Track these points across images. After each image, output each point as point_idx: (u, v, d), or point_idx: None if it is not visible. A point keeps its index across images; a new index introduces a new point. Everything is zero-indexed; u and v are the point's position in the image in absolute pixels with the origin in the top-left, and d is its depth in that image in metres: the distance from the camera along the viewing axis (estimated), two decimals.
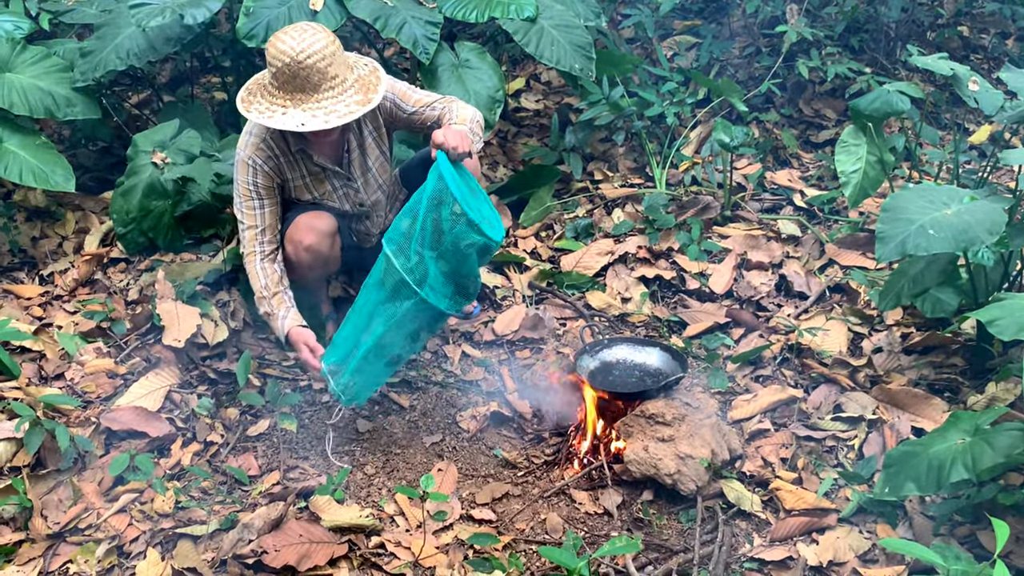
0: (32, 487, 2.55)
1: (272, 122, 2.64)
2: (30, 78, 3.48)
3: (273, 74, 2.64)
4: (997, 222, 2.43)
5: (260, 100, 2.69)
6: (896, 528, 2.46)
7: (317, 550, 2.39)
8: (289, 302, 2.84)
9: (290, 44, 2.60)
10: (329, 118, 2.63)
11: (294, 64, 2.59)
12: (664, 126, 4.22)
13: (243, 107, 2.70)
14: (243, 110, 2.69)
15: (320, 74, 2.62)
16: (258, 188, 2.84)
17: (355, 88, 2.69)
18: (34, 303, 3.34)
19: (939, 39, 4.93)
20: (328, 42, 2.64)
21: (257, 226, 2.86)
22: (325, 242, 2.91)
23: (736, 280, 3.53)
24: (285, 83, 2.63)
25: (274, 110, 2.65)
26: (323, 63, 2.62)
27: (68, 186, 3.38)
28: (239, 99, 2.73)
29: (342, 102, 2.66)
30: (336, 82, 2.65)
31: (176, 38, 3.50)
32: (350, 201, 3.00)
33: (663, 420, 2.67)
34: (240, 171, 2.84)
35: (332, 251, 2.96)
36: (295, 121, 2.62)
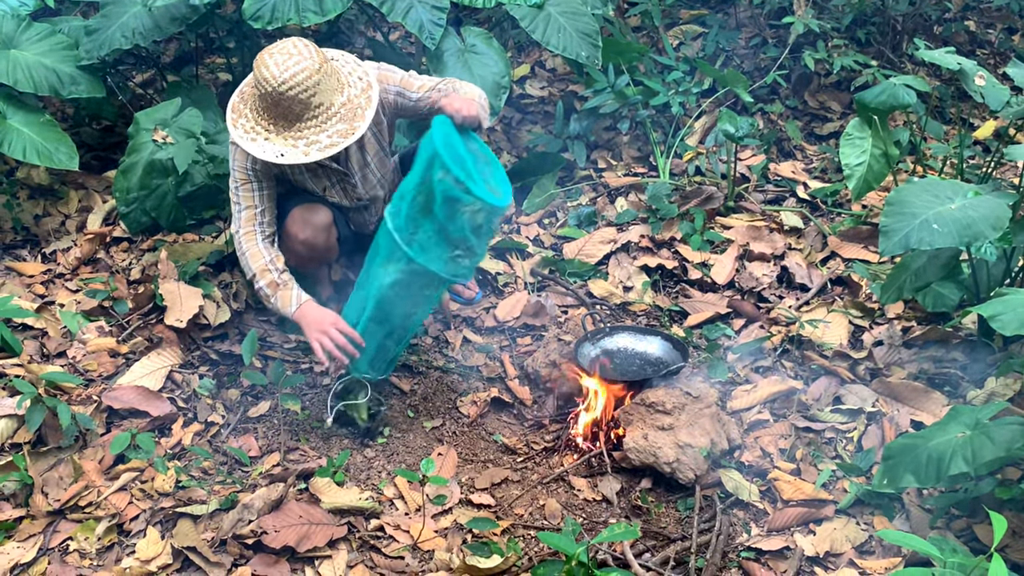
0: (33, 464, 2.56)
1: (253, 148, 2.59)
2: (35, 55, 3.47)
3: (258, 96, 2.59)
4: (1001, 217, 2.43)
5: (247, 116, 2.63)
6: (893, 520, 2.47)
7: (316, 532, 2.40)
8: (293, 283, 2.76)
9: (273, 71, 2.52)
10: (309, 150, 2.58)
11: (275, 94, 2.53)
12: (669, 115, 4.21)
13: (232, 119, 2.65)
14: (230, 124, 2.65)
15: (302, 104, 2.55)
16: (256, 172, 2.77)
17: (340, 116, 2.60)
18: (36, 281, 3.34)
19: (946, 33, 4.91)
20: (313, 70, 2.54)
21: (256, 207, 2.79)
22: (321, 236, 2.89)
23: (738, 271, 3.54)
24: (267, 108, 2.58)
25: (257, 132, 2.60)
26: (305, 94, 2.54)
27: (71, 164, 3.38)
28: (230, 107, 2.68)
29: (324, 132, 2.59)
30: (320, 111, 2.58)
31: (181, 18, 3.49)
32: (348, 196, 2.97)
33: (663, 409, 2.68)
34: (237, 155, 2.77)
35: (329, 242, 2.95)
36: (274, 151, 2.58)
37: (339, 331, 2.65)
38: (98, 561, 2.36)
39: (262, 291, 2.75)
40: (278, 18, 3.30)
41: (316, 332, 2.66)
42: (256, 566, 2.32)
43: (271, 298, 2.74)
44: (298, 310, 2.70)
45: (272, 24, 3.30)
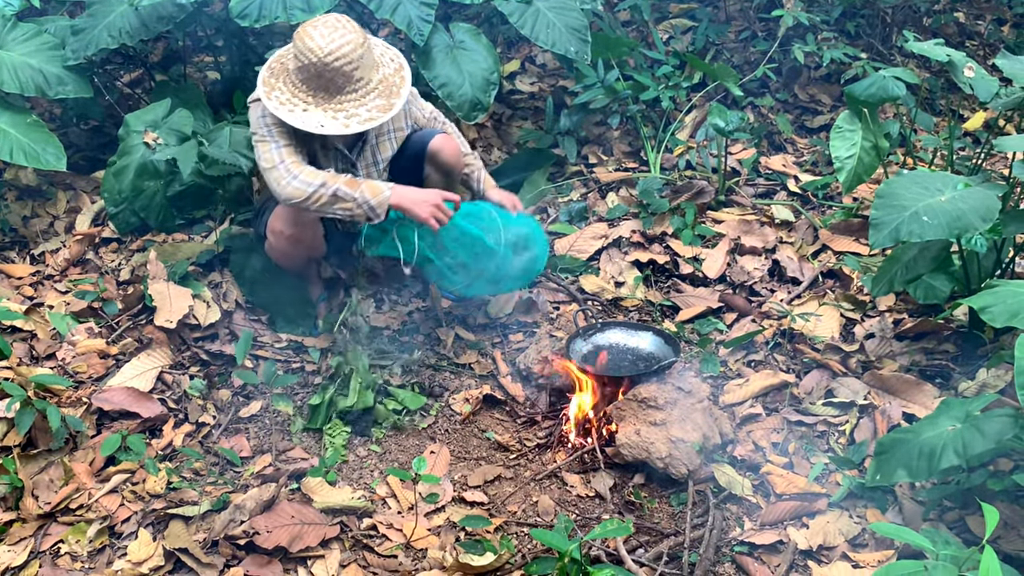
0: (23, 467, 2.55)
1: (291, 118, 2.64)
2: (21, 56, 3.45)
3: (299, 67, 2.64)
4: (991, 209, 2.43)
5: (282, 88, 2.69)
6: (886, 513, 2.47)
7: (309, 531, 2.40)
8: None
9: (319, 42, 2.60)
10: (349, 122, 2.65)
11: (320, 64, 2.60)
12: (659, 110, 4.20)
13: (265, 91, 2.70)
14: (264, 96, 2.69)
15: (345, 77, 2.63)
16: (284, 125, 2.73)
17: (378, 91, 2.70)
18: (25, 283, 3.33)
19: (935, 25, 4.91)
20: (357, 43, 2.63)
21: (294, 145, 2.72)
22: (306, 232, 2.90)
23: (729, 265, 3.53)
24: (309, 79, 2.64)
25: (295, 103, 2.66)
26: (349, 67, 2.62)
27: (59, 165, 3.35)
28: (261, 80, 2.73)
29: (364, 106, 2.68)
30: (360, 85, 2.67)
31: (169, 17, 3.47)
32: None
33: (655, 404, 2.68)
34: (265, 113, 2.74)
35: (314, 239, 2.96)
36: (315, 121, 2.64)
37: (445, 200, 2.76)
38: (90, 564, 2.35)
39: (339, 192, 2.65)
40: (265, 16, 3.29)
41: (427, 208, 2.72)
42: (248, 567, 2.32)
43: (353, 193, 2.66)
44: (394, 192, 2.69)
45: (260, 22, 3.29)
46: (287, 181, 2.67)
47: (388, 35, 4.65)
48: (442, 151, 3.06)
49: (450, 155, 3.08)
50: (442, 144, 3.06)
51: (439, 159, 3.06)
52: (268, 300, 3.19)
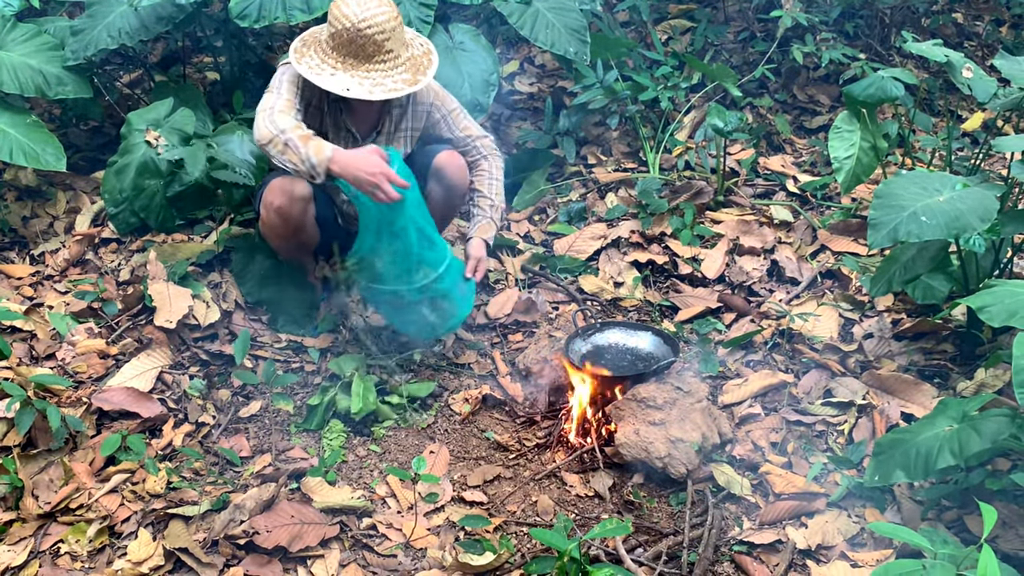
0: (23, 467, 2.55)
1: (319, 80, 2.71)
2: (20, 56, 3.45)
3: (331, 34, 2.72)
4: (989, 209, 2.43)
5: (313, 55, 2.76)
6: (884, 512, 2.47)
7: (308, 531, 2.40)
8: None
9: (354, 10, 2.68)
10: (375, 90, 2.71)
11: (353, 30, 2.67)
12: (658, 110, 4.21)
13: (295, 57, 2.77)
14: (294, 61, 2.76)
15: (376, 46, 2.69)
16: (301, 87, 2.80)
17: (406, 67, 2.77)
18: (25, 283, 3.33)
19: (933, 25, 4.92)
20: (390, 16, 2.71)
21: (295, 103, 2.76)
22: (296, 206, 2.86)
23: (728, 265, 3.54)
24: (340, 46, 2.71)
25: (323, 68, 2.73)
26: (381, 36, 2.69)
27: (59, 165, 3.36)
28: (292, 49, 2.80)
29: (391, 77, 2.74)
30: (389, 56, 2.73)
31: (168, 17, 3.47)
32: None
33: (654, 404, 2.68)
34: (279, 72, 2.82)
35: (304, 217, 2.90)
36: (341, 84, 2.70)
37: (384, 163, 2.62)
38: (90, 563, 2.35)
39: (291, 142, 2.63)
40: (265, 16, 3.29)
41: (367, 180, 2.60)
42: (248, 566, 2.32)
43: (301, 147, 2.62)
44: (336, 155, 2.62)
45: (259, 23, 3.30)
46: (262, 121, 2.69)
47: None
48: (446, 168, 3.01)
49: (454, 172, 3.02)
50: (447, 160, 3.01)
51: (443, 175, 3.01)
52: (268, 299, 3.19)
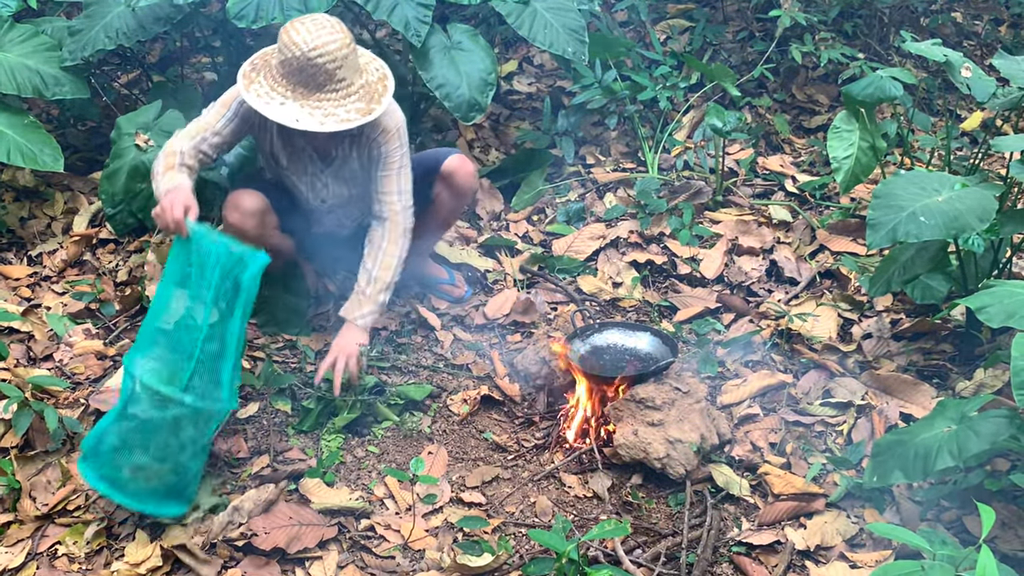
0: (20, 468, 2.54)
1: (268, 110, 2.61)
2: (18, 57, 3.44)
3: (280, 61, 2.61)
4: (988, 209, 2.43)
5: (262, 82, 2.65)
6: (883, 513, 2.47)
7: (307, 532, 2.40)
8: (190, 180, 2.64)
9: (304, 37, 2.56)
10: (326, 121, 2.61)
11: (303, 59, 2.56)
12: (657, 110, 4.21)
13: (244, 83, 2.67)
14: (243, 88, 2.66)
15: (327, 75, 2.59)
16: (240, 109, 2.76)
17: (359, 95, 2.65)
18: (22, 284, 3.32)
19: (932, 25, 4.92)
20: (342, 44, 2.59)
21: (212, 127, 2.75)
22: (249, 221, 2.82)
23: (727, 265, 3.54)
24: (290, 74, 2.60)
25: (273, 97, 2.62)
26: (332, 64, 2.58)
27: (56, 166, 3.35)
28: (242, 73, 2.70)
29: (343, 107, 2.63)
30: (341, 85, 2.62)
31: (166, 18, 3.46)
32: (314, 193, 2.95)
33: (653, 404, 2.68)
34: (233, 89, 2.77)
35: (261, 230, 2.86)
36: (291, 115, 2.60)
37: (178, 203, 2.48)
38: (87, 565, 2.35)
39: (156, 168, 2.67)
40: (262, 17, 3.29)
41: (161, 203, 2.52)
42: (246, 568, 2.32)
43: (158, 176, 2.65)
44: (167, 189, 2.57)
45: (256, 23, 3.29)
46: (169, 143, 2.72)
47: (386, 36, 4.65)
48: (457, 173, 3.02)
49: (464, 178, 3.03)
50: (458, 165, 3.02)
51: (453, 181, 3.02)
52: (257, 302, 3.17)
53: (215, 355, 2.35)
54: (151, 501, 2.37)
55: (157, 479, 2.36)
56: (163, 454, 2.34)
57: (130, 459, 2.33)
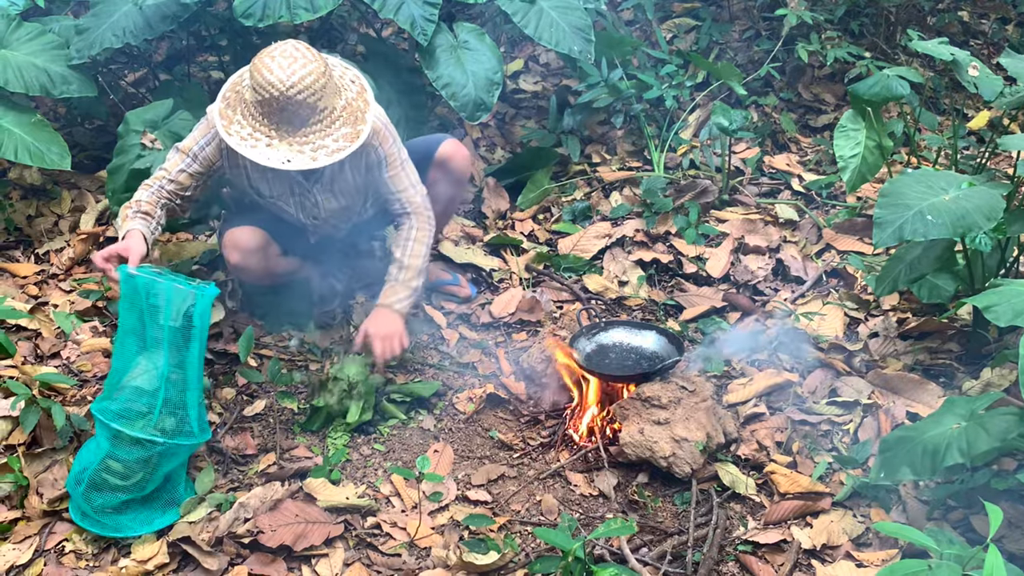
0: (28, 465, 2.55)
1: (255, 154, 2.52)
2: (25, 55, 3.45)
3: (258, 101, 2.50)
4: (995, 208, 2.43)
5: (242, 123, 2.55)
6: (890, 512, 2.47)
7: (313, 530, 2.40)
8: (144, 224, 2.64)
9: (279, 75, 2.45)
10: (317, 155, 2.53)
11: (283, 99, 2.46)
12: (663, 109, 4.20)
13: (223, 125, 2.56)
14: (223, 131, 2.55)
15: (309, 109, 2.50)
16: (199, 154, 2.73)
17: (343, 119, 2.57)
18: (30, 282, 3.33)
19: (939, 24, 4.91)
20: (319, 73, 2.49)
21: (169, 174, 2.74)
22: (252, 259, 2.83)
23: (733, 264, 3.53)
24: (270, 114, 2.50)
25: (258, 139, 2.53)
26: (313, 98, 2.48)
27: (64, 164, 3.36)
28: (217, 112, 2.59)
29: (330, 136, 2.55)
30: (324, 114, 2.53)
31: (172, 16, 3.47)
32: (305, 212, 2.92)
33: (659, 403, 2.68)
34: (196, 132, 2.75)
35: (265, 263, 2.88)
36: (280, 157, 2.51)
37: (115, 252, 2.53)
38: (94, 562, 2.35)
39: (117, 221, 2.72)
40: (269, 15, 3.29)
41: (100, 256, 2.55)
42: (253, 565, 2.32)
43: (119, 227, 2.68)
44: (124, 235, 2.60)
45: (264, 22, 3.29)
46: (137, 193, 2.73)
47: (392, 35, 4.66)
48: (452, 158, 3.00)
49: (460, 163, 3.02)
50: (453, 151, 3.01)
51: (449, 167, 3.00)
52: (263, 299, 3.18)
53: (179, 391, 2.40)
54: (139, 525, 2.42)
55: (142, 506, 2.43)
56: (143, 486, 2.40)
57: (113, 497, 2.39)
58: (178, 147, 2.77)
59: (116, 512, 2.39)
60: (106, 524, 2.39)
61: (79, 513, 2.41)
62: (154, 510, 2.44)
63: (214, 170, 2.79)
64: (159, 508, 2.44)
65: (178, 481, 2.49)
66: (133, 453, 2.35)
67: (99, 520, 2.39)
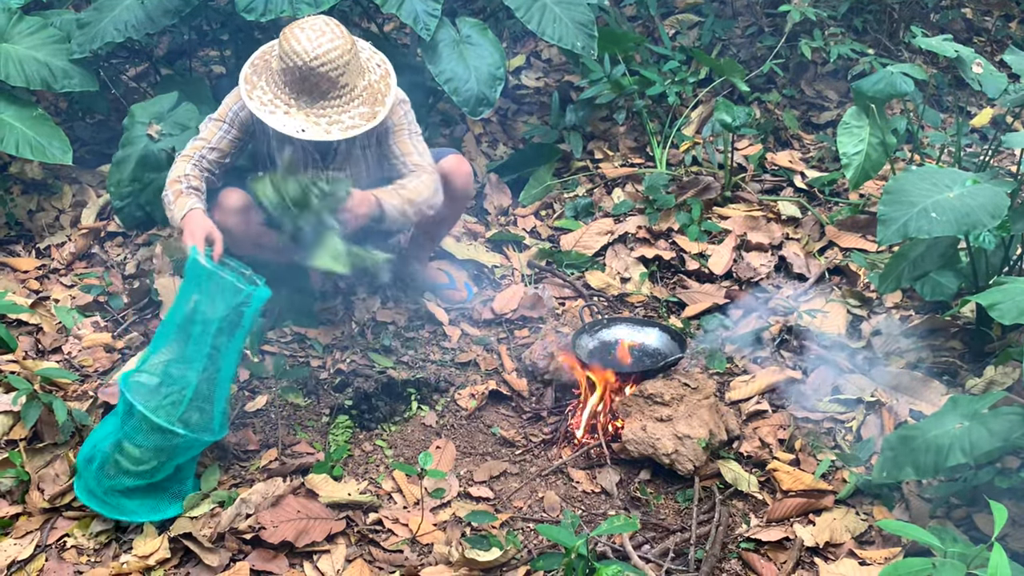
0: (29, 460, 2.55)
1: (272, 120, 2.59)
2: (27, 49, 3.44)
3: (283, 69, 2.59)
4: (999, 205, 2.42)
5: (265, 88, 2.63)
6: (893, 510, 2.46)
7: (315, 526, 2.40)
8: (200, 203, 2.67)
9: (305, 46, 2.54)
10: (332, 129, 2.59)
11: (305, 68, 2.55)
12: (665, 105, 4.19)
13: (246, 89, 2.64)
14: (245, 95, 2.64)
15: (330, 82, 2.57)
16: (235, 118, 2.77)
17: (362, 99, 2.64)
18: (31, 276, 3.33)
19: (943, 21, 4.90)
20: (344, 49, 2.58)
21: (209, 143, 2.76)
22: (231, 219, 2.78)
23: (735, 261, 3.53)
24: (292, 83, 2.59)
25: (277, 106, 2.61)
26: (335, 72, 2.57)
27: (65, 159, 3.35)
28: (243, 77, 2.68)
29: (347, 113, 2.61)
30: (345, 91, 2.61)
31: (174, 10, 3.45)
32: None
33: (661, 400, 2.68)
34: (228, 100, 2.78)
35: (245, 228, 2.82)
36: (296, 125, 2.58)
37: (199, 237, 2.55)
38: (96, 558, 2.35)
39: (167, 198, 2.70)
40: (271, 10, 3.28)
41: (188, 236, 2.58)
42: (254, 561, 2.32)
43: (171, 205, 2.68)
44: (186, 214, 2.62)
45: (265, 16, 3.28)
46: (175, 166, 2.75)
47: (394, 29, 4.65)
48: (454, 175, 2.98)
49: (461, 179, 3.00)
50: (455, 167, 2.98)
51: (449, 183, 2.97)
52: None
53: (211, 386, 2.42)
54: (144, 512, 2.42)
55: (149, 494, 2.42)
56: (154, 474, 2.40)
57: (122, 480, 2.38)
58: (211, 117, 2.80)
59: (123, 496, 2.39)
60: (111, 506, 2.38)
61: (86, 491, 2.40)
62: (161, 499, 2.43)
63: (249, 135, 2.82)
64: (166, 498, 2.44)
65: (188, 475, 2.49)
66: (152, 440, 2.35)
67: (105, 501, 2.38)
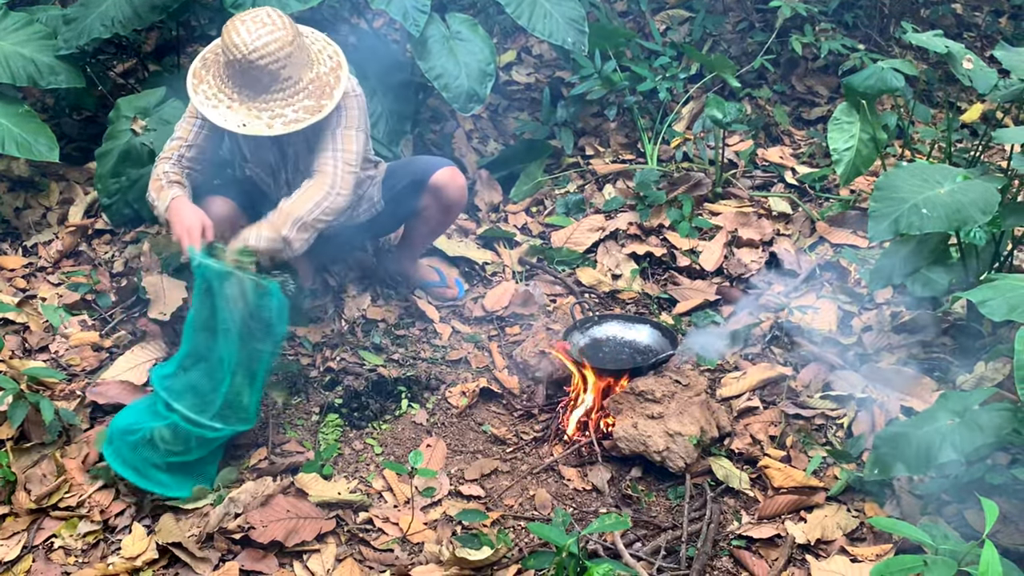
0: (16, 461, 2.53)
1: (214, 115, 2.53)
2: (12, 45, 3.41)
3: (224, 63, 2.52)
4: (990, 201, 2.41)
5: (211, 82, 2.57)
6: (884, 507, 2.46)
7: (304, 526, 2.38)
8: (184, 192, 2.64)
9: (244, 38, 2.46)
10: (274, 123, 2.52)
11: (245, 62, 2.47)
12: (656, 101, 4.18)
13: (193, 83, 2.58)
14: (191, 89, 2.58)
15: (271, 76, 2.50)
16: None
17: (307, 92, 2.55)
18: (17, 274, 3.30)
19: (933, 16, 4.90)
20: (286, 41, 2.49)
21: (186, 141, 2.72)
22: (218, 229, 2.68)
23: (726, 257, 3.52)
24: (234, 76, 2.52)
25: (220, 99, 2.54)
26: (276, 65, 2.48)
27: (52, 156, 3.32)
28: (192, 72, 2.61)
29: (291, 106, 2.54)
30: (288, 84, 2.52)
31: (162, 6, 3.42)
32: (277, 188, 2.88)
33: (652, 397, 2.67)
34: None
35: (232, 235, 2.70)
36: (237, 120, 2.52)
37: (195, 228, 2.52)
38: (83, 558, 2.33)
39: (150, 197, 2.68)
40: (259, 5, 3.25)
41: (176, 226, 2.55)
42: (244, 561, 2.31)
43: (155, 201, 2.65)
44: (171, 203, 2.59)
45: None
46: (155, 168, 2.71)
47: (384, 26, 4.62)
48: (447, 187, 2.95)
49: (454, 192, 2.97)
50: (448, 180, 2.95)
51: (442, 195, 2.96)
52: None
53: (244, 383, 2.49)
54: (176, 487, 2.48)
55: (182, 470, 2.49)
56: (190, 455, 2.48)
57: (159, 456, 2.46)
58: (185, 116, 2.77)
59: (159, 470, 2.46)
60: (146, 477, 2.45)
61: (118, 459, 2.45)
62: (189, 477, 2.49)
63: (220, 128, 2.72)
64: (192, 477, 2.50)
65: (215, 459, 2.55)
66: (191, 430, 2.44)
67: (140, 472, 2.45)
